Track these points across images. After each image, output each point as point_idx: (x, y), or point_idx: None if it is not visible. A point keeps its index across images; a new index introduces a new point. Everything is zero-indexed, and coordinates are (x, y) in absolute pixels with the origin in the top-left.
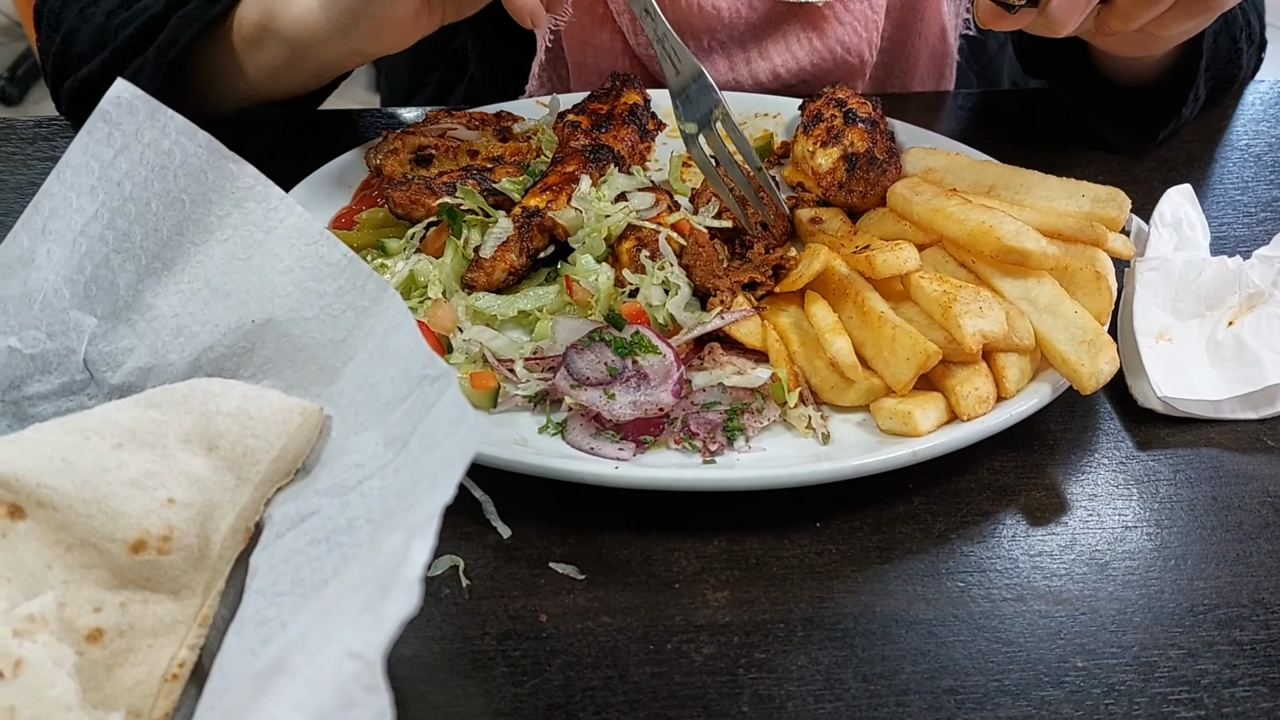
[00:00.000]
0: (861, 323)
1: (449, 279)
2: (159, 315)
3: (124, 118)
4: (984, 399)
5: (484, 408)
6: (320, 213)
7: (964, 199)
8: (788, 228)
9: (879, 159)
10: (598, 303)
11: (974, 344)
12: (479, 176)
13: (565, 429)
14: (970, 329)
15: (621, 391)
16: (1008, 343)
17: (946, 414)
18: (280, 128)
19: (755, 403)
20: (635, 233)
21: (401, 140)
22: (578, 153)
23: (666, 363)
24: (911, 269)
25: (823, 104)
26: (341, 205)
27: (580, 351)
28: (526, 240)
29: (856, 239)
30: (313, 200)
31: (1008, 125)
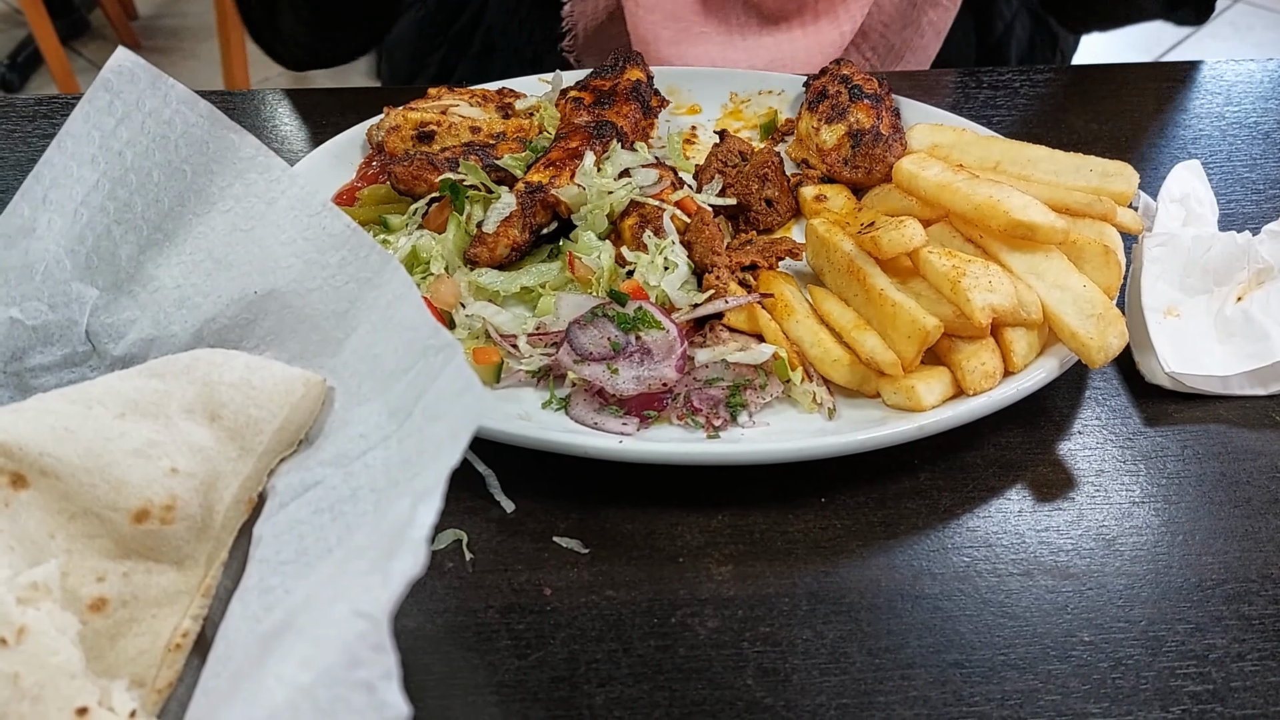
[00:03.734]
0: (866, 300)
1: (451, 255)
2: (161, 286)
3: (125, 86)
4: (990, 374)
5: (487, 382)
6: (322, 190)
7: (971, 174)
8: (792, 205)
9: (884, 135)
10: (600, 280)
11: (983, 318)
12: (481, 153)
13: (569, 404)
14: (979, 302)
15: (625, 366)
16: (1016, 317)
17: (952, 389)
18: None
19: (758, 379)
20: (638, 209)
21: (403, 117)
22: (581, 129)
23: (670, 338)
24: (917, 245)
25: (827, 80)
26: (344, 182)
27: (583, 327)
28: (529, 216)
29: (861, 216)
30: (315, 177)
31: (1015, 103)
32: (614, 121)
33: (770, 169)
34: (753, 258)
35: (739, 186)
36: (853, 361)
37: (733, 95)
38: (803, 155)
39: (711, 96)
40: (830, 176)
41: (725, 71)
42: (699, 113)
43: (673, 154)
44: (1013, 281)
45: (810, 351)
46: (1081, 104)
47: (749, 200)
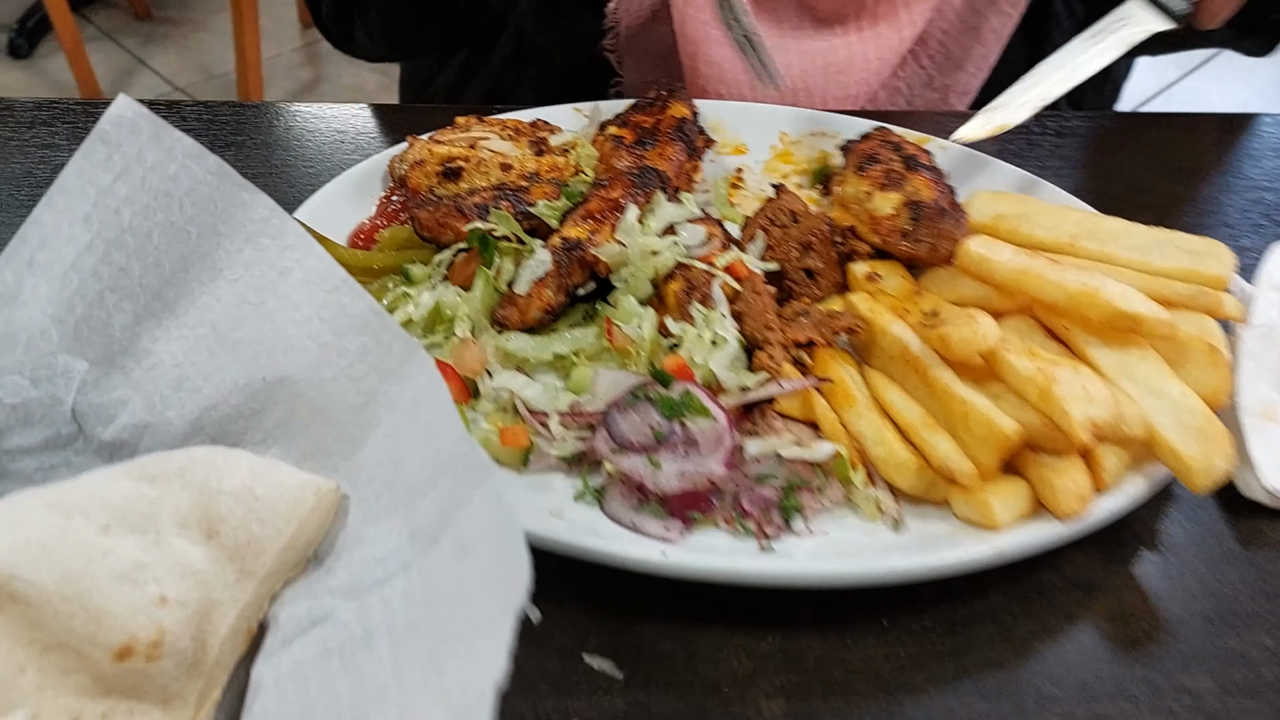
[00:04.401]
0: (929, 395)
1: (478, 314)
2: (158, 363)
3: (125, 138)
4: (1082, 496)
5: (513, 467)
6: (339, 225)
7: (1051, 259)
8: (838, 279)
9: (949, 211)
10: (640, 352)
11: (1085, 435)
12: (514, 198)
13: (604, 498)
14: (1079, 417)
15: (668, 459)
16: (1116, 432)
17: (1030, 504)
18: None
19: (816, 479)
20: (684, 273)
21: (429, 150)
22: (622, 176)
23: (718, 428)
24: (991, 344)
25: (876, 145)
26: (363, 216)
27: (623, 410)
28: (565, 276)
29: (921, 302)
30: (331, 211)
31: (1074, 154)
32: (658, 168)
33: (816, 237)
34: (809, 334)
35: (779, 250)
36: (921, 466)
37: (782, 135)
38: (849, 222)
39: (759, 135)
40: (883, 250)
41: (775, 108)
42: (745, 153)
43: (718, 202)
44: (1109, 388)
45: (874, 451)
46: (1147, 155)
47: (787, 268)
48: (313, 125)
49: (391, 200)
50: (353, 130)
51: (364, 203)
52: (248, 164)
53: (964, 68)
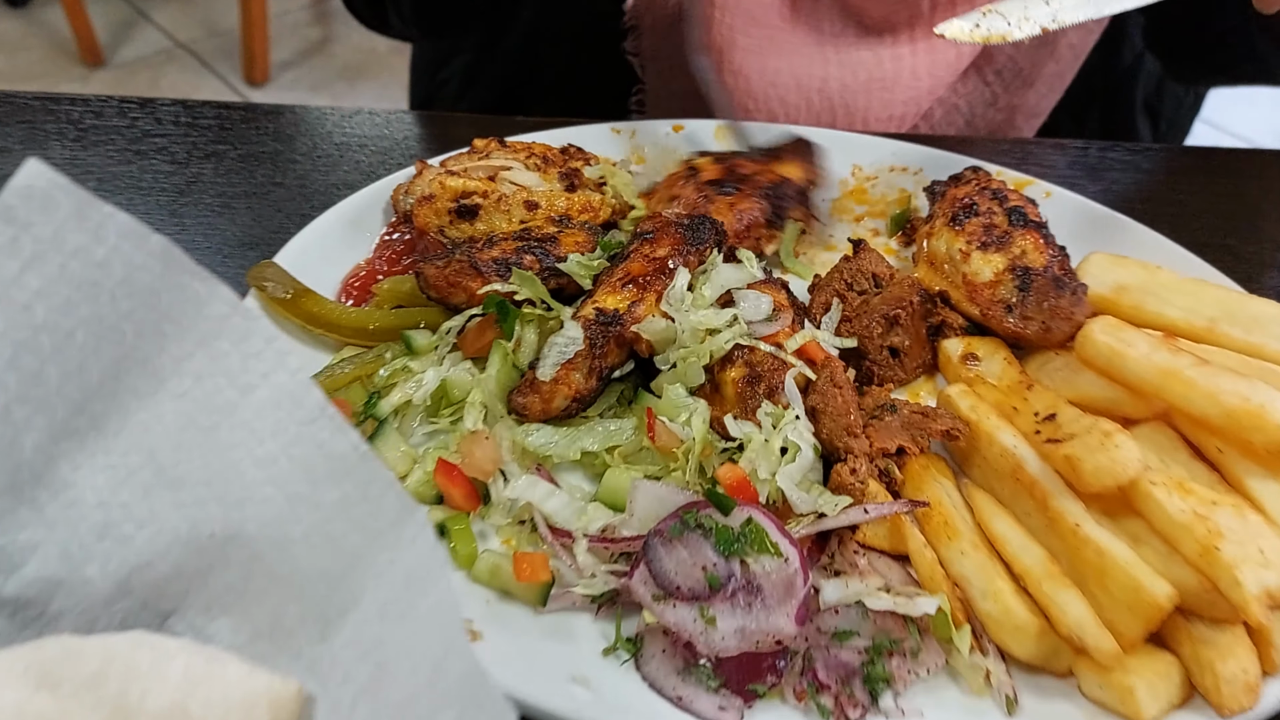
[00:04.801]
0: (1049, 529)
1: (493, 398)
2: (78, 500)
3: (36, 216)
4: (1252, 686)
5: (529, 604)
6: (330, 268)
7: (1198, 357)
8: (927, 358)
9: (1066, 281)
10: (689, 456)
11: (1259, 612)
12: (540, 251)
13: (641, 655)
14: (1253, 587)
15: (725, 612)
16: None
17: (1182, 690)
18: None
19: (909, 639)
20: (747, 357)
21: (440, 184)
22: (670, 227)
23: (789, 572)
24: (1132, 476)
25: (973, 192)
26: (359, 257)
27: (669, 543)
28: (599, 358)
29: (1033, 398)
30: (321, 250)
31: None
32: (714, 218)
33: (905, 310)
34: (900, 439)
35: (858, 324)
36: (1043, 630)
37: (855, 169)
38: (940, 285)
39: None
40: (980, 324)
41: (848, 137)
42: None
43: (784, 254)
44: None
45: (982, 605)
46: (1239, 199)
47: (868, 346)
48: (309, 133)
49: (394, 239)
50: (355, 141)
51: (361, 240)
52: (228, 181)
53: (1034, 86)
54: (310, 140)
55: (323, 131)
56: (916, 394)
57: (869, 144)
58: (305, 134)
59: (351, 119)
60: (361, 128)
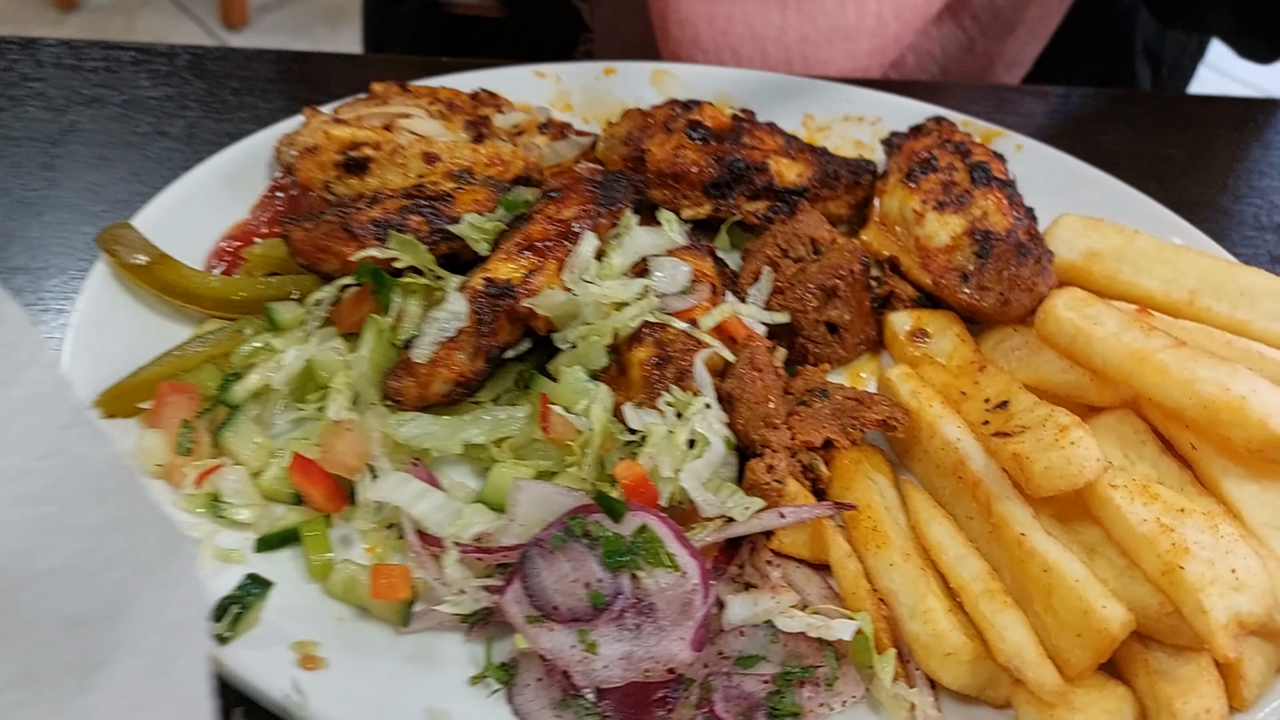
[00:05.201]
0: (993, 539)
1: (364, 382)
2: None
3: None
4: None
5: (390, 622)
6: (204, 228)
7: (1174, 337)
8: (871, 334)
9: (1030, 247)
10: (587, 450)
11: (1229, 646)
12: (430, 211)
13: (514, 684)
14: (1220, 613)
15: (609, 636)
16: (1269, 627)
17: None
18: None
19: (824, 666)
20: (655, 334)
21: (325, 134)
22: (580, 185)
23: (686, 588)
24: (1089, 479)
25: (932, 144)
26: (236, 218)
27: (549, 555)
28: (487, 335)
29: (984, 382)
30: (193, 209)
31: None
32: (632, 176)
33: (845, 279)
34: (827, 431)
35: (792, 295)
36: (978, 656)
37: (807, 119)
38: (890, 250)
39: (776, 114)
40: (933, 294)
41: (797, 82)
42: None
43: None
44: (1260, 557)
45: (910, 626)
46: (1236, 154)
47: (802, 321)
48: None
49: (276, 197)
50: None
51: (241, 198)
52: (107, 131)
53: (1015, 32)
54: (205, 84)
55: (220, 74)
56: (858, 375)
57: (822, 90)
58: (200, 77)
59: (253, 60)
60: (264, 70)
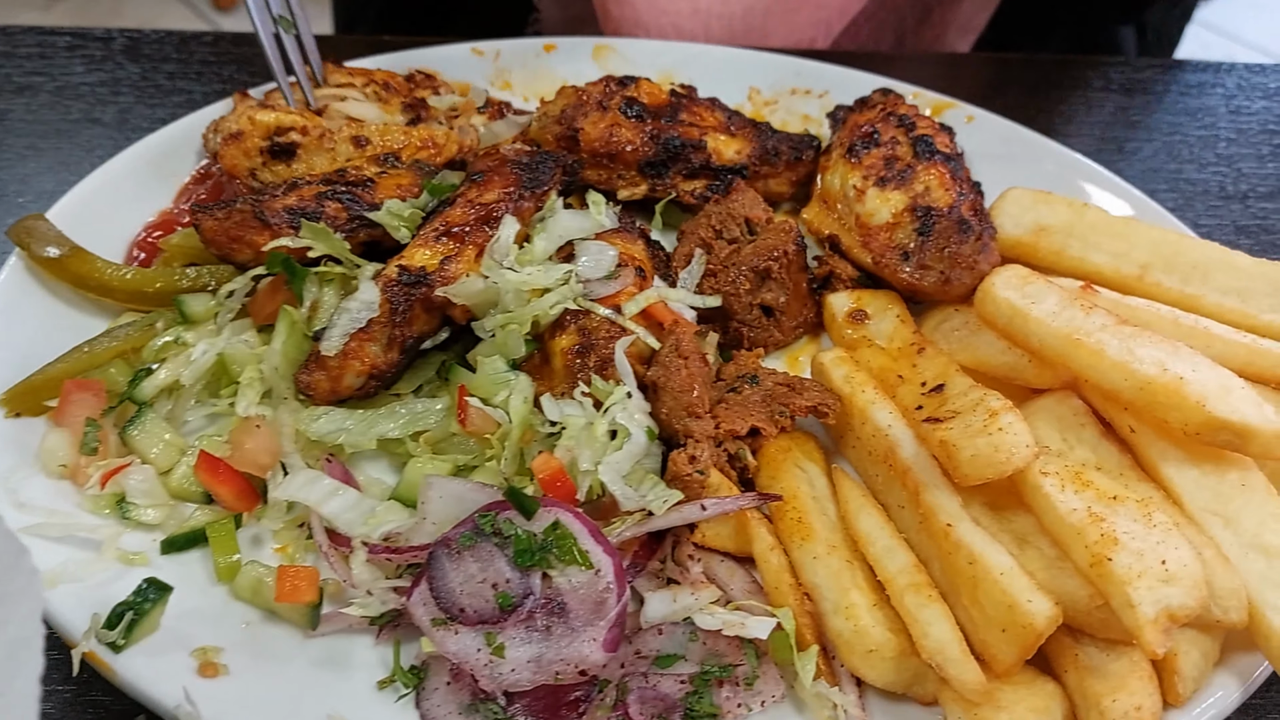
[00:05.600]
0: (922, 530)
1: (277, 376)
2: None
3: None
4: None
5: (300, 626)
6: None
7: (1113, 314)
8: (809, 316)
9: (972, 224)
10: (506, 444)
11: (1157, 641)
12: (348, 197)
13: (422, 689)
14: (1148, 607)
15: (518, 638)
16: (1205, 618)
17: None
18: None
19: (745, 664)
20: (579, 321)
21: (250, 119)
22: (504, 167)
23: (599, 586)
24: (1018, 466)
25: (875, 117)
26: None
27: (456, 556)
28: (401, 325)
29: (922, 365)
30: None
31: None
32: (563, 157)
33: (779, 261)
34: (755, 420)
35: (725, 278)
36: (903, 652)
37: (753, 92)
38: (831, 229)
39: (721, 89)
40: (873, 274)
41: (742, 55)
42: None
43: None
44: (1196, 546)
45: (833, 622)
46: (1205, 121)
47: (735, 305)
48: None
49: (204, 183)
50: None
51: (169, 185)
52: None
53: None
54: (140, 69)
55: (156, 58)
56: (796, 359)
57: (768, 63)
58: (135, 61)
59: (190, 43)
60: (201, 53)
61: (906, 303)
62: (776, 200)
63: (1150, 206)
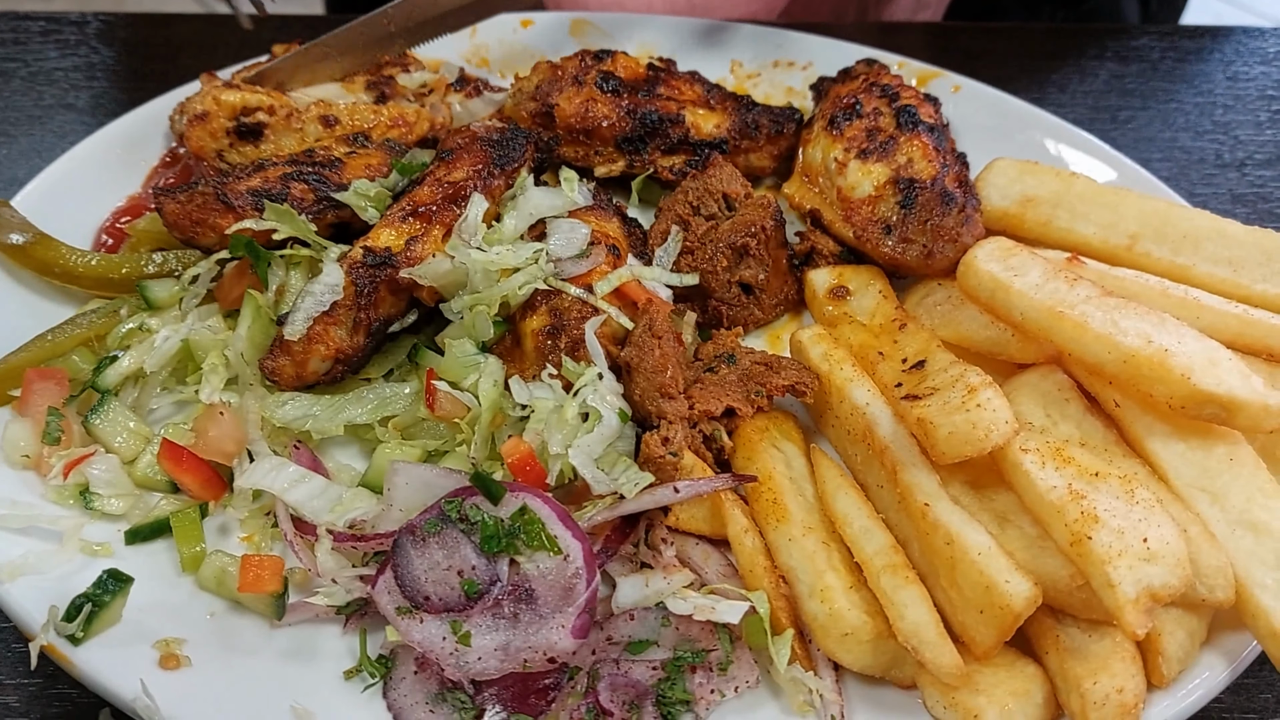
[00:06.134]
0: (900, 510)
1: (241, 363)
2: None
3: None
4: (1128, 707)
5: (265, 616)
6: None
7: (1098, 286)
8: (790, 292)
9: (955, 196)
10: (476, 429)
11: (1138, 622)
12: (315, 178)
13: (389, 679)
14: (1129, 586)
15: (484, 626)
16: (1190, 597)
17: (1045, 709)
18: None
19: (718, 649)
20: (550, 301)
21: (215, 99)
22: (475, 144)
23: (568, 571)
24: (996, 444)
25: (858, 88)
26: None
27: (421, 543)
28: (366, 307)
29: (903, 341)
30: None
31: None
32: (536, 133)
33: (757, 237)
34: (730, 400)
35: (703, 255)
36: (879, 635)
37: (735, 65)
38: (813, 203)
39: (701, 62)
40: (856, 249)
41: (724, 27)
42: None
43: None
44: (1180, 522)
45: (808, 605)
46: (1201, 88)
47: (713, 283)
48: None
49: (172, 166)
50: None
51: (138, 169)
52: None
53: None
54: (114, 53)
55: (131, 42)
56: (778, 337)
57: (751, 35)
58: (109, 45)
59: (163, 27)
60: (174, 36)
61: (890, 278)
62: (758, 175)
63: (1142, 176)
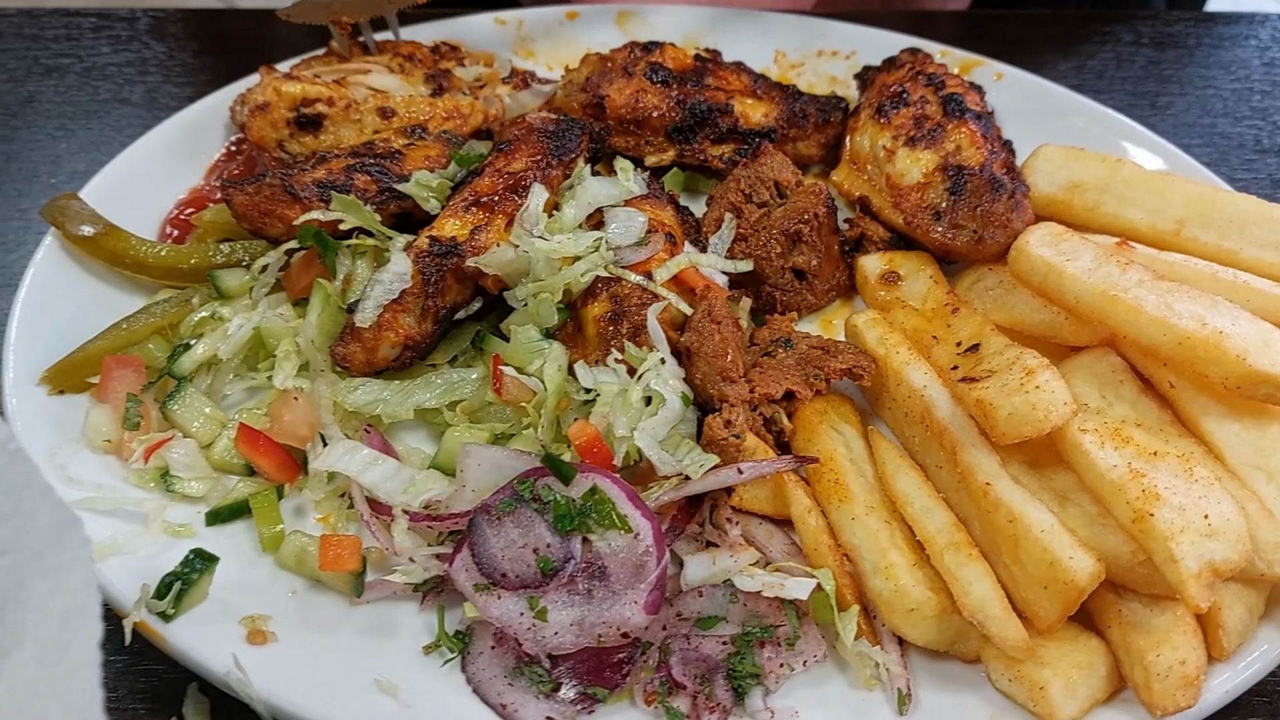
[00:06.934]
0: (960, 490)
1: (313, 349)
2: None
3: None
4: (1191, 679)
5: (344, 593)
6: (159, 194)
7: (1150, 271)
8: (841, 279)
9: (1004, 183)
10: (542, 411)
11: (1200, 595)
12: (377, 169)
13: (467, 654)
14: (1191, 561)
15: (560, 602)
16: (1249, 573)
17: (1107, 684)
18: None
19: (786, 624)
20: (611, 288)
21: (276, 90)
22: (532, 135)
23: (639, 550)
24: (1055, 424)
25: (904, 76)
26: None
27: (497, 522)
28: (434, 295)
29: (956, 325)
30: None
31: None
32: (590, 124)
33: (809, 224)
34: (789, 383)
35: (756, 242)
36: (944, 610)
37: (779, 55)
38: (861, 190)
39: (746, 52)
40: (906, 235)
41: (768, 17)
42: None
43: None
44: (1239, 499)
45: (872, 583)
46: (1238, 74)
47: (767, 270)
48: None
49: (235, 159)
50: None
51: (198, 161)
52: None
53: None
54: (165, 48)
55: (181, 36)
56: (830, 322)
57: (794, 25)
58: (161, 40)
59: (213, 21)
60: (226, 30)
61: (939, 263)
62: (806, 163)
63: (1185, 161)
